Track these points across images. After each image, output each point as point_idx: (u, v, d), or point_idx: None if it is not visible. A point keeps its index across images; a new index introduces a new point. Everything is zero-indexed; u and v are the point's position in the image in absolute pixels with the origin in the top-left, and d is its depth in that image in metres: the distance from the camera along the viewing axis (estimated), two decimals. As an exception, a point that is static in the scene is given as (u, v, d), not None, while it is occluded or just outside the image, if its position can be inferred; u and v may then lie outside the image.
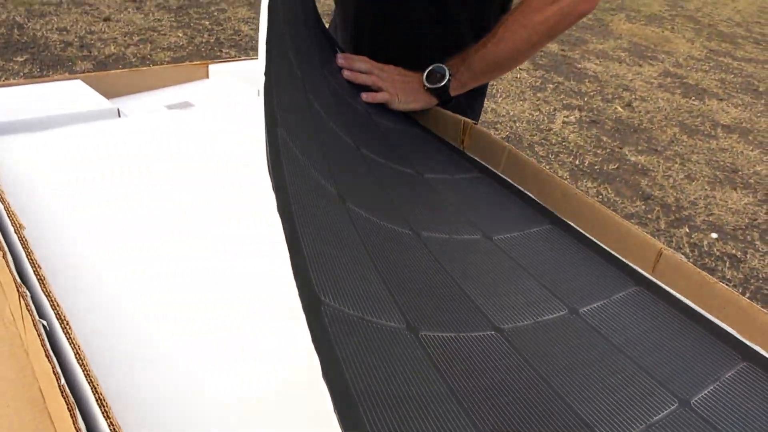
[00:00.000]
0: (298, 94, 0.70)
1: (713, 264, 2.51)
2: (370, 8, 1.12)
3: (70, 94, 1.03)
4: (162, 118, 1.02)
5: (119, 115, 0.99)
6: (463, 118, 1.03)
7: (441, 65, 1.00)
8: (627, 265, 0.78)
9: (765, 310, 0.68)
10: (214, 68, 1.26)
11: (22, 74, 2.95)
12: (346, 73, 1.01)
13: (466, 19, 1.09)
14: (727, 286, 0.71)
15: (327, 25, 1.28)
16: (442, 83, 0.99)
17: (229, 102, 1.13)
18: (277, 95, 0.57)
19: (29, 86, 1.05)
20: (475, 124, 1.02)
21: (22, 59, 3.10)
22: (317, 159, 0.64)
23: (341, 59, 1.02)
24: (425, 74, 1.00)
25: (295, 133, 0.60)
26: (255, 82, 1.17)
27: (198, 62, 1.25)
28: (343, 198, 0.64)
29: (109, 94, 1.09)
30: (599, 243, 0.82)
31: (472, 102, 1.21)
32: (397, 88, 1.01)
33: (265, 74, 0.55)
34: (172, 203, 0.77)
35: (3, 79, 2.88)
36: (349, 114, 0.93)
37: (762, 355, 0.66)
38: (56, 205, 0.74)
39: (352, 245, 0.57)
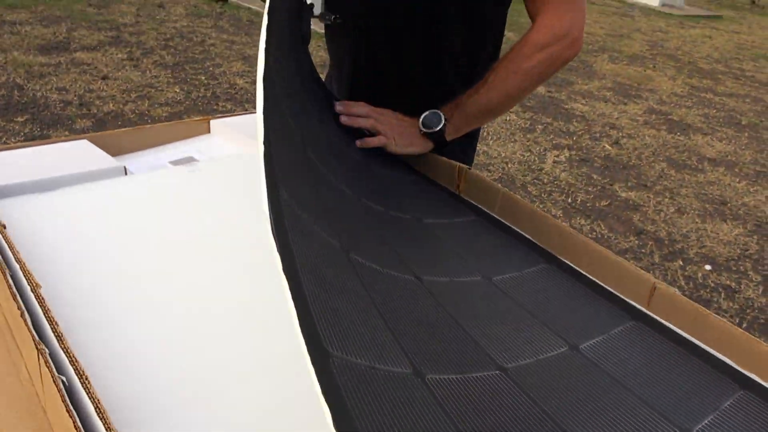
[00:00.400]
0: (297, 152, 0.73)
1: (709, 296, 2.53)
2: (365, 63, 1.16)
3: (77, 153, 1.07)
4: (167, 174, 1.05)
5: (126, 173, 1.03)
6: (458, 163, 1.07)
7: (436, 111, 1.04)
8: (623, 300, 0.81)
9: (758, 340, 0.70)
10: (215, 123, 1.30)
11: (22, 134, 3.00)
12: (343, 119, 1.04)
13: (457, 74, 1.14)
14: (720, 318, 0.74)
15: (323, 78, 1.33)
16: (438, 128, 1.03)
17: (230, 155, 1.17)
18: (276, 158, 0.59)
19: (37, 148, 1.08)
20: (469, 168, 1.06)
21: (22, 119, 3.16)
22: (319, 214, 0.67)
23: (339, 106, 1.06)
24: (421, 119, 1.04)
25: (296, 192, 0.63)
26: (255, 135, 1.21)
27: (199, 118, 1.29)
28: (347, 250, 0.66)
29: (114, 152, 1.12)
30: (595, 280, 0.85)
31: (465, 147, 1.25)
32: (395, 132, 1.05)
33: (264, 143, 0.57)
34: (180, 260, 0.80)
35: (4, 140, 2.93)
36: (347, 164, 0.97)
37: (759, 383, 0.69)
38: (69, 263, 0.76)
39: (357, 296, 0.59)
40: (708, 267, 2.76)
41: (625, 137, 4.27)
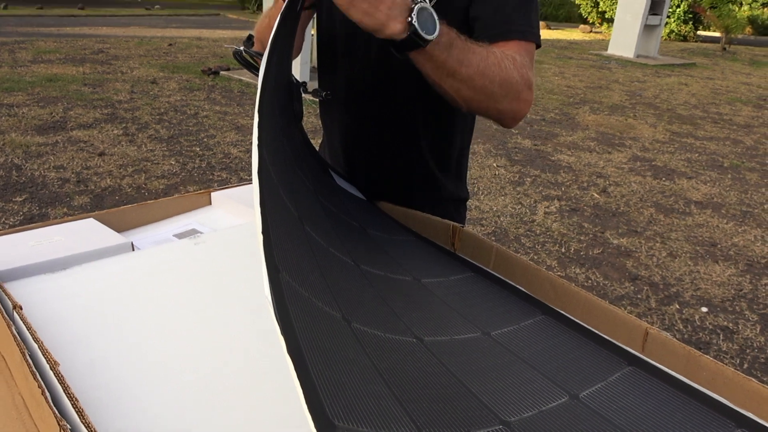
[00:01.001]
0: (295, 230, 0.77)
1: (708, 338, 2.55)
2: (353, 140, 1.24)
3: (84, 232, 1.11)
4: (173, 248, 1.09)
5: (133, 248, 1.07)
6: (452, 222, 1.12)
7: (434, 17, 0.83)
8: (618, 346, 0.84)
9: (749, 377, 0.74)
10: (216, 195, 1.35)
11: (21, 214, 3.05)
12: None
13: (431, 149, 1.21)
14: (711, 358, 0.77)
15: (317, 146, 1.39)
16: (429, 36, 0.82)
17: (232, 226, 1.21)
18: (275, 243, 0.64)
19: (45, 229, 1.12)
20: (462, 227, 1.11)
21: (21, 199, 3.21)
22: (319, 289, 0.71)
23: None
24: (416, 11, 0.81)
25: (296, 272, 0.67)
26: (253, 203, 1.26)
27: (201, 191, 1.34)
28: (348, 320, 0.70)
29: (120, 228, 1.16)
30: (590, 328, 0.88)
31: (458, 206, 1.31)
32: None
33: (263, 232, 0.61)
34: (191, 331, 0.83)
35: (3, 220, 2.97)
36: (345, 232, 1.01)
37: (754, 420, 0.71)
38: (85, 340, 0.79)
39: (361, 366, 0.63)
40: (704, 309, 2.79)
41: (612, 185, 4.36)
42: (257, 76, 1.01)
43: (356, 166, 1.26)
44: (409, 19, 0.80)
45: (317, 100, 1.22)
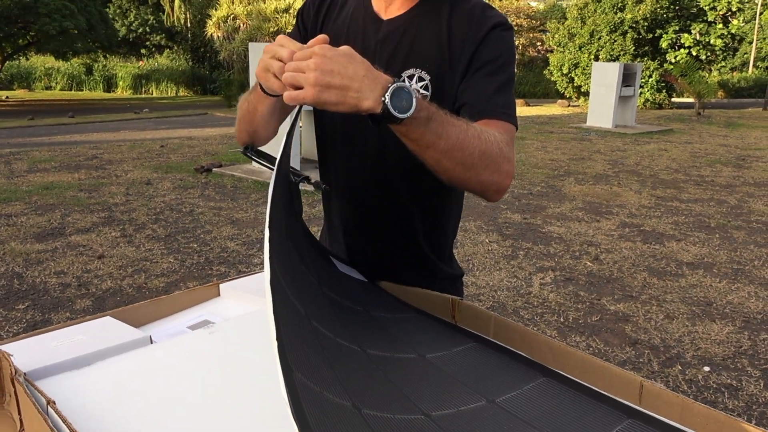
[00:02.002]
0: (304, 328, 0.85)
1: (713, 397, 2.56)
2: (353, 228, 1.32)
3: (104, 330, 1.16)
4: (189, 339, 1.15)
5: (151, 342, 1.12)
6: (450, 296, 1.19)
7: (409, 91, 0.87)
8: (617, 400, 0.89)
9: (741, 420, 0.79)
10: (224, 287, 1.41)
11: (24, 321, 3.08)
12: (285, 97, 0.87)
13: (426, 238, 1.29)
14: (704, 405, 0.82)
15: (319, 231, 1.48)
16: (402, 114, 0.86)
17: (242, 315, 1.27)
18: (288, 347, 0.71)
19: (68, 329, 1.18)
20: (461, 300, 1.18)
21: (23, 307, 3.25)
22: (330, 382, 0.77)
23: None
24: (390, 93, 0.85)
25: (308, 367, 0.74)
26: (261, 293, 1.32)
27: (210, 284, 1.41)
28: (358, 407, 0.76)
29: (137, 323, 1.22)
30: (590, 386, 0.93)
31: (455, 281, 1.39)
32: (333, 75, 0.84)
33: (277, 339, 0.69)
34: (213, 420, 0.88)
35: (6, 329, 3.00)
36: (351, 318, 1.07)
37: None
38: (115, 430, 0.84)
39: None
40: (707, 368, 2.81)
41: (604, 252, 4.45)
42: (263, 165, 1.11)
43: (356, 251, 1.34)
44: (383, 99, 0.84)
45: (319, 191, 1.31)
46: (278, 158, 0.91)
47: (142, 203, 5.49)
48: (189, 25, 35.48)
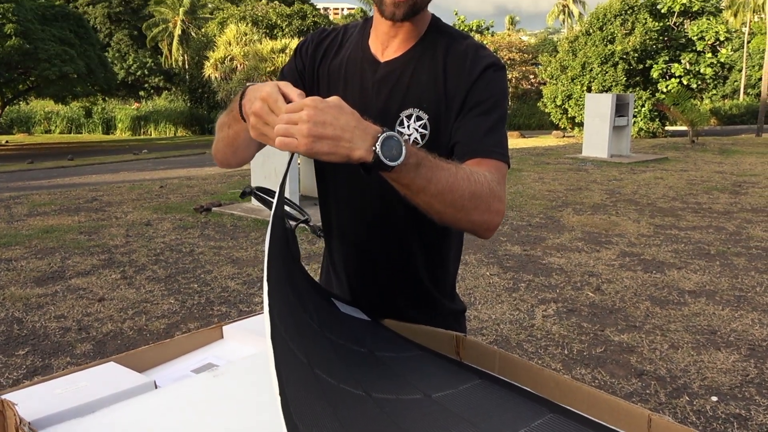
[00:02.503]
0: (307, 376, 0.85)
1: (722, 427, 2.53)
2: (354, 270, 1.33)
3: (108, 376, 1.16)
4: (193, 382, 1.14)
5: (155, 387, 1.12)
6: (455, 333, 1.19)
7: (400, 141, 0.90)
8: (626, 435, 0.89)
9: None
10: (227, 329, 1.41)
11: (24, 367, 3.05)
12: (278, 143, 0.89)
13: (424, 265, 1.30)
14: (713, 437, 0.82)
15: (318, 273, 1.48)
16: (392, 162, 0.89)
17: (246, 357, 1.27)
18: (292, 401, 0.72)
19: (70, 376, 1.17)
20: (465, 336, 1.18)
21: (23, 352, 3.22)
22: (336, 430, 0.78)
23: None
24: (381, 142, 0.88)
25: (312, 418, 0.75)
26: (264, 334, 1.32)
27: (212, 326, 1.40)
28: None
29: (140, 368, 1.22)
30: (599, 421, 0.93)
31: (458, 316, 1.39)
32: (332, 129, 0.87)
33: (280, 393, 0.70)
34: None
35: (6, 375, 2.97)
36: (355, 362, 1.07)
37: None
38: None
39: None
40: (714, 398, 2.78)
41: (605, 282, 4.44)
42: (264, 202, 1.12)
43: (358, 291, 1.34)
44: (374, 148, 0.87)
45: (317, 236, 1.32)
46: (273, 206, 0.92)
47: (142, 244, 5.49)
48: (187, 66, 36.00)
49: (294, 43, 20.03)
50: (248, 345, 1.35)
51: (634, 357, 3.22)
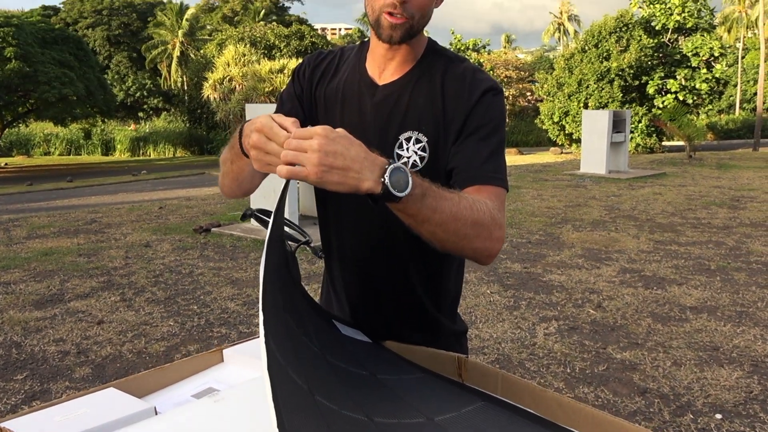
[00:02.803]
0: (307, 401, 0.85)
1: (727, 445, 2.51)
2: (357, 292, 1.33)
3: (107, 402, 1.15)
4: (193, 407, 1.13)
5: (156, 413, 1.11)
6: (456, 354, 1.18)
7: (406, 173, 0.92)
8: (631, 458, 0.88)
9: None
10: (227, 352, 1.40)
11: (22, 392, 3.03)
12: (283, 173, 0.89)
13: (425, 292, 1.31)
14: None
15: (319, 294, 1.47)
16: (400, 193, 0.91)
17: (247, 381, 1.26)
18: (290, 430, 0.72)
19: (69, 402, 1.16)
20: (467, 357, 1.17)
21: (21, 377, 3.20)
22: None
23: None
24: (389, 173, 0.89)
25: None
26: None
27: (213, 349, 1.40)
28: None
29: (140, 393, 1.21)
30: (602, 443, 0.92)
31: (459, 338, 1.38)
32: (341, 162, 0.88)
33: (279, 425, 0.69)
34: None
35: (4, 400, 2.94)
36: (357, 385, 1.06)
37: None
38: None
39: None
40: (718, 416, 2.76)
41: (606, 299, 4.43)
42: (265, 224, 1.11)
43: (360, 313, 1.34)
44: (382, 179, 0.89)
45: (318, 257, 1.32)
46: (268, 232, 0.91)
47: (142, 266, 5.48)
48: (186, 87, 36.21)
49: (292, 63, 20.17)
50: (249, 368, 1.34)
51: (636, 375, 3.20)
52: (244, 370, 1.34)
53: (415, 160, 1.19)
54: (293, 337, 0.95)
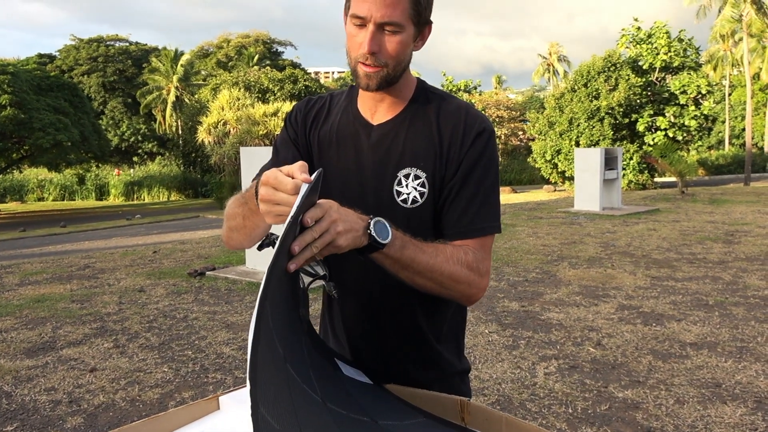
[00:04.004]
0: None
1: (736, 486, 2.45)
2: (361, 333, 1.32)
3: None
4: (190, 460, 1.10)
5: (150, 466, 1.07)
6: (459, 397, 1.16)
7: (387, 227, 1.04)
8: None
9: None
10: (223, 399, 1.37)
11: (12, 443, 2.95)
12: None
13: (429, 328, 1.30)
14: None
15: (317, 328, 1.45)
16: (383, 240, 1.02)
17: (244, 429, 1.23)
18: None
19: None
20: (470, 401, 1.15)
21: (12, 428, 3.12)
22: None
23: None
24: (373, 225, 1.02)
25: None
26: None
27: (209, 397, 1.36)
28: None
29: (134, 447, 1.17)
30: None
31: (463, 378, 1.36)
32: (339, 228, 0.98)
33: None
34: None
35: (-7, 452, 2.87)
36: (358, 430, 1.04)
37: None
38: None
39: None
40: (725, 455, 2.71)
41: (606, 337, 4.39)
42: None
43: (362, 353, 1.32)
44: (369, 231, 1.01)
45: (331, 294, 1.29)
46: (263, 281, 0.89)
47: (135, 311, 5.42)
48: (180, 131, 36.49)
49: (286, 106, 20.38)
50: (246, 416, 1.30)
51: (639, 413, 3.15)
52: (242, 418, 1.30)
53: (415, 196, 1.21)
54: (294, 390, 0.93)
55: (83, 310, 5.52)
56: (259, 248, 1.14)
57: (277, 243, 0.91)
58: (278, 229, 1.04)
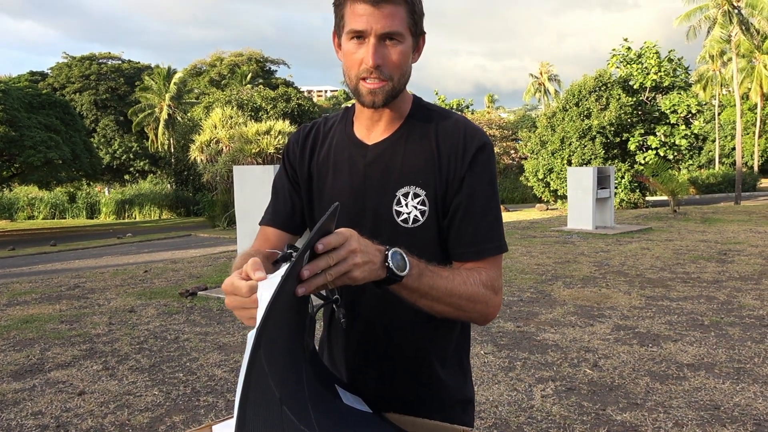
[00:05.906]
0: None
1: None
2: (366, 361, 1.28)
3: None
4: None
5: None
6: (462, 426, 1.13)
7: (404, 257, 1.01)
8: None
9: None
10: (217, 428, 1.32)
11: (-4, 470, 2.87)
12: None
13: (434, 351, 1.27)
14: None
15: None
16: (402, 273, 1.00)
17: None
18: None
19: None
20: (471, 430, 1.11)
21: (-4, 454, 3.04)
22: None
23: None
24: (390, 257, 0.99)
25: None
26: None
27: (202, 426, 1.32)
28: None
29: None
30: None
31: (465, 407, 1.32)
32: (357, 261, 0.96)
33: None
34: None
35: (-23, 480, 2.78)
36: None
37: None
38: None
39: None
40: (727, 480, 2.66)
41: (602, 358, 4.35)
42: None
43: (362, 380, 1.28)
44: (386, 264, 0.98)
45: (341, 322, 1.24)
46: (259, 320, 0.85)
47: (126, 332, 5.34)
48: (172, 150, 36.42)
49: (278, 124, 20.38)
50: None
51: (639, 437, 3.10)
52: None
53: (416, 215, 1.19)
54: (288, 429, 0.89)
55: (72, 331, 5.43)
56: (275, 263, 1.00)
57: (286, 269, 0.87)
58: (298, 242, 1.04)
